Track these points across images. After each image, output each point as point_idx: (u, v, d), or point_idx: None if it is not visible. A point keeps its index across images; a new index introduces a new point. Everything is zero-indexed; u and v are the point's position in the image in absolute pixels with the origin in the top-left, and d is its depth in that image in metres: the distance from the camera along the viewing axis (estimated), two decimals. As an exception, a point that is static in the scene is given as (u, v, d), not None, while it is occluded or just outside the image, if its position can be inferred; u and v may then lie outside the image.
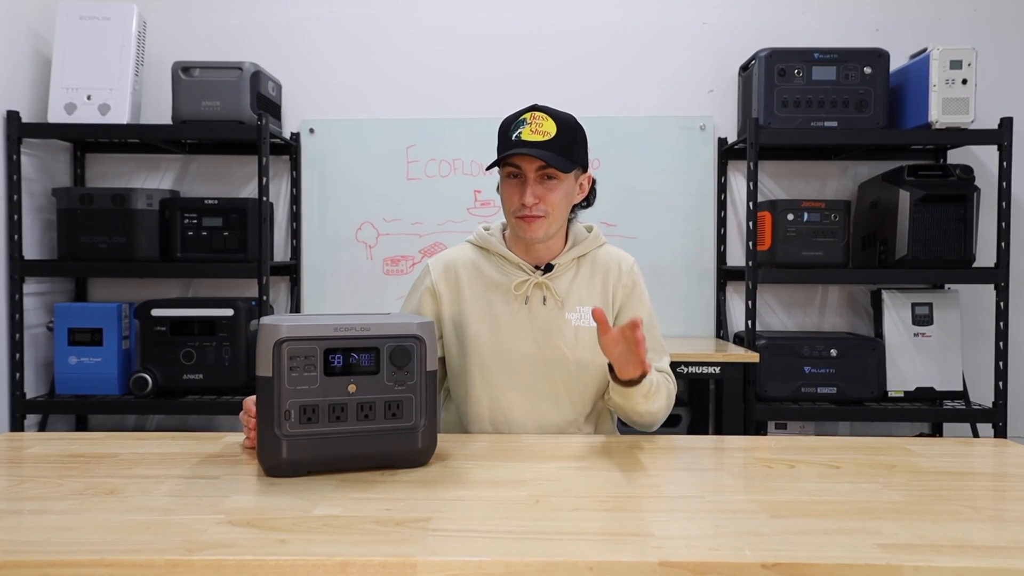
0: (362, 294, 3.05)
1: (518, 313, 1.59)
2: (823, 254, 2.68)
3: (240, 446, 1.37)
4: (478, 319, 1.59)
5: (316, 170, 3.05)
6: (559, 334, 1.58)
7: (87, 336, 2.64)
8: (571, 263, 1.62)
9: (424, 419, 1.22)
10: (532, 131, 1.50)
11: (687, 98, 3.04)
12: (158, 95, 2.96)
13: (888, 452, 1.37)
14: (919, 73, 2.65)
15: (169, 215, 2.71)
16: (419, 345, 1.22)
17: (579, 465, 1.28)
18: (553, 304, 1.59)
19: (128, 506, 1.04)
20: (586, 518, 1.01)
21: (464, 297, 1.61)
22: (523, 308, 1.59)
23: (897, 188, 2.66)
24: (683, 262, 3.03)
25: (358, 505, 1.05)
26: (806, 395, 2.64)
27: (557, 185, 1.53)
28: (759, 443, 1.47)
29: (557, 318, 1.58)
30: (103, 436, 1.46)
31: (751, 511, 1.04)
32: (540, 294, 1.59)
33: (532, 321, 1.58)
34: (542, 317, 1.58)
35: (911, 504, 1.07)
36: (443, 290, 1.62)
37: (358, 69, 3.06)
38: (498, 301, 1.59)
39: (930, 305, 2.74)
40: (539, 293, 1.59)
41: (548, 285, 1.59)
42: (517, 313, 1.59)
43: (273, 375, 1.15)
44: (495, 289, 1.60)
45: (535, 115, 1.52)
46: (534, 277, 1.59)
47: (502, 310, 1.59)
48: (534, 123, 1.51)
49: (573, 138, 1.54)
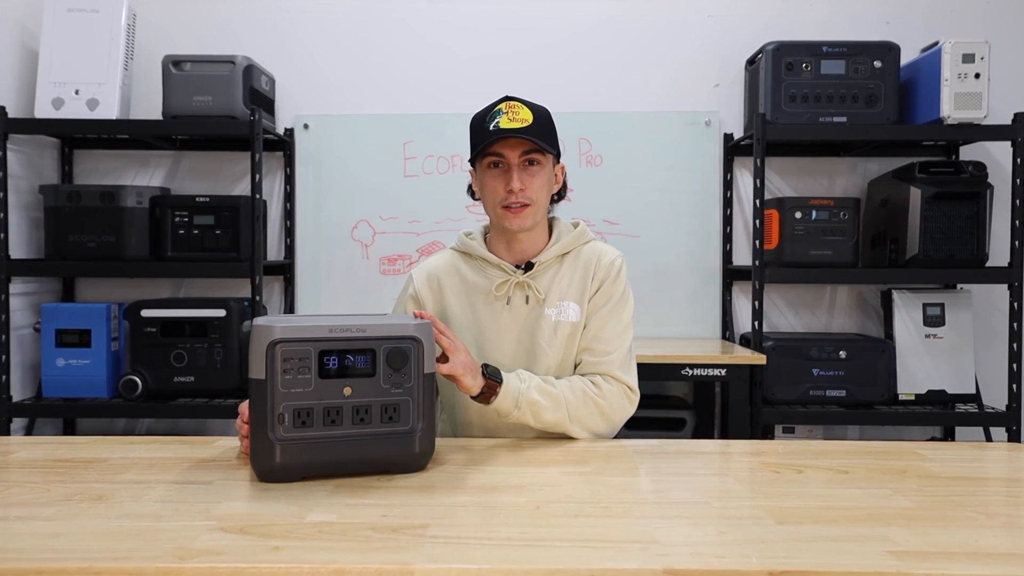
0: (358, 294, 3.04)
1: (500, 314, 1.59)
2: (832, 253, 2.67)
3: (238, 454, 1.37)
4: (461, 324, 1.60)
5: (311, 167, 3.05)
6: (539, 331, 1.58)
7: (75, 337, 2.64)
8: (554, 260, 1.62)
9: (422, 422, 1.22)
10: (510, 119, 1.51)
11: (692, 93, 3.04)
12: (148, 90, 2.96)
13: (899, 457, 1.37)
14: (931, 67, 2.64)
15: (159, 213, 2.70)
16: (416, 346, 1.22)
17: (581, 470, 1.28)
18: (535, 302, 1.59)
19: (117, 512, 1.04)
20: (588, 525, 1.01)
21: (447, 303, 1.62)
22: (505, 309, 1.59)
23: (908, 185, 2.66)
24: (688, 262, 3.03)
25: (353, 511, 1.05)
26: (814, 398, 2.64)
27: (540, 171, 1.56)
28: (766, 447, 1.47)
29: (539, 316, 1.59)
30: (91, 440, 1.46)
31: (758, 517, 1.04)
32: (523, 294, 1.59)
33: (514, 322, 1.59)
34: (524, 316, 1.59)
35: (922, 510, 1.07)
36: (426, 297, 1.64)
37: (354, 63, 3.06)
38: (480, 304, 1.60)
39: (942, 305, 2.74)
40: (521, 293, 1.60)
41: (530, 284, 1.59)
42: (499, 315, 1.59)
43: (266, 377, 1.15)
44: (477, 293, 1.61)
45: (510, 104, 1.55)
46: (515, 277, 1.59)
47: (485, 313, 1.60)
48: (511, 112, 1.53)
49: (550, 125, 1.58)
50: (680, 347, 2.70)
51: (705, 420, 2.95)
